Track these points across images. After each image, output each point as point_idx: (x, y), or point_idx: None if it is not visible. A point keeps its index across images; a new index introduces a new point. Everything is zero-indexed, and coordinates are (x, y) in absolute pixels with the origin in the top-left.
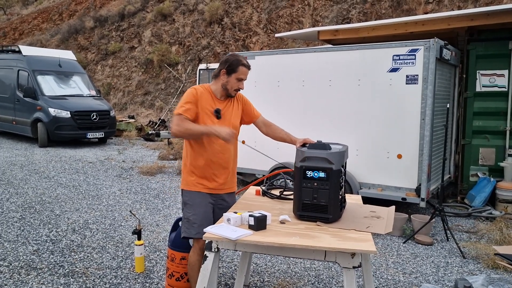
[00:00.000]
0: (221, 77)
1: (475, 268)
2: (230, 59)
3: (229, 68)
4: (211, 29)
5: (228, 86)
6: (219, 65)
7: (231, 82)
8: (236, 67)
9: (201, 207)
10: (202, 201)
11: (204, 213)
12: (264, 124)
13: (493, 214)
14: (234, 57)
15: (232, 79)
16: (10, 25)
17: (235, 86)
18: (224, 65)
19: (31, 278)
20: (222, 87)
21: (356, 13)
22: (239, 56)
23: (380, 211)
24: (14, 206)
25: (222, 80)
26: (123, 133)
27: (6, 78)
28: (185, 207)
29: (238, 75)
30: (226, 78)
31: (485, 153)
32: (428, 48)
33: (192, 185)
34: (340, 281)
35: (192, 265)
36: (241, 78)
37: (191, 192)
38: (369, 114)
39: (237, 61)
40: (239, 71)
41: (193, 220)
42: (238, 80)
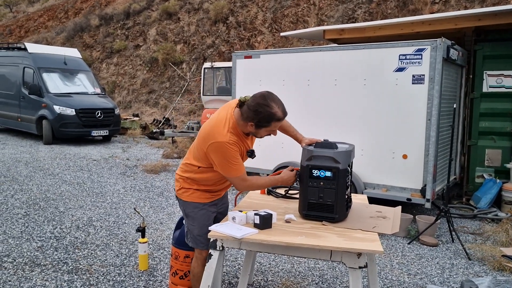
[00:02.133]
0: (248, 126)
1: (481, 270)
2: (261, 112)
3: (259, 124)
4: (216, 28)
5: (258, 135)
6: (247, 110)
7: (260, 133)
8: (268, 123)
9: (205, 219)
10: (206, 212)
11: (208, 225)
12: None
13: (499, 216)
14: (266, 110)
15: (262, 131)
16: (16, 22)
17: (264, 134)
18: (252, 117)
19: (35, 274)
20: (250, 133)
21: (362, 13)
22: (272, 106)
23: (387, 211)
24: (18, 202)
25: (249, 129)
26: (128, 131)
27: (12, 75)
28: (188, 219)
29: (270, 129)
30: (254, 130)
31: (491, 154)
32: (435, 48)
33: (196, 197)
34: (344, 281)
35: (196, 276)
36: (273, 130)
37: (194, 203)
38: (374, 114)
39: (269, 117)
40: (271, 126)
41: (197, 233)
42: (268, 131)
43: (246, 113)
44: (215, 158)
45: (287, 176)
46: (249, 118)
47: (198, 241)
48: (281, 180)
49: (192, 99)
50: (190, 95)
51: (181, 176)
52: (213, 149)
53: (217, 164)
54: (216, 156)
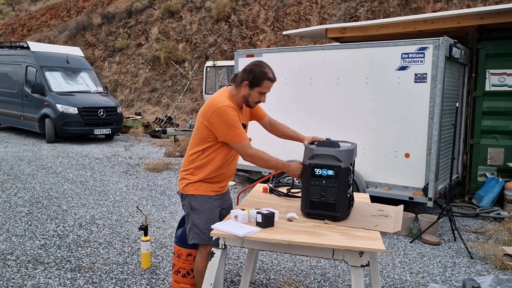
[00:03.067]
0: (242, 87)
1: (483, 269)
2: (255, 70)
3: (253, 82)
4: (218, 26)
5: (250, 99)
6: (242, 73)
7: (253, 96)
8: (261, 81)
9: (211, 212)
10: (212, 206)
11: (213, 219)
12: (269, 123)
13: (501, 215)
14: (260, 69)
15: (254, 93)
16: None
17: (256, 99)
18: (247, 76)
19: (38, 272)
20: (243, 98)
21: (364, 11)
22: (265, 67)
23: (389, 210)
24: (21, 201)
25: (243, 92)
26: (130, 129)
27: (15, 74)
28: (194, 213)
29: (261, 89)
30: (248, 91)
31: (493, 153)
32: (438, 47)
33: (202, 190)
34: (346, 279)
35: (200, 272)
36: (265, 92)
37: (201, 196)
38: (377, 112)
39: (262, 74)
40: (263, 85)
41: (204, 227)
42: (260, 94)
43: (241, 77)
44: (219, 125)
45: (295, 166)
46: (244, 78)
47: (204, 235)
48: (287, 167)
49: (194, 97)
50: (192, 94)
51: (186, 170)
52: (216, 115)
53: (221, 131)
54: (220, 122)
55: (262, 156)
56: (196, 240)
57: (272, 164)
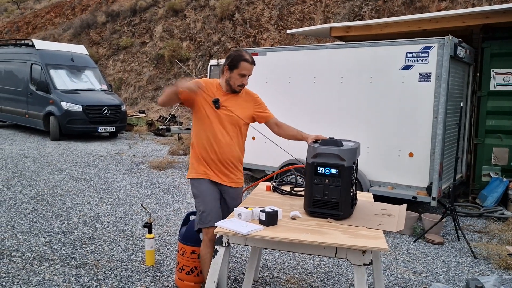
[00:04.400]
0: (224, 73)
1: (487, 269)
2: (232, 54)
3: (231, 64)
4: (222, 25)
5: (231, 82)
6: (224, 61)
7: (234, 78)
8: (238, 62)
9: (208, 194)
10: (207, 186)
11: (212, 200)
12: (276, 124)
13: (505, 215)
14: (237, 53)
15: (234, 75)
16: (23, 19)
17: (238, 82)
18: (226, 61)
19: (43, 269)
20: (226, 82)
21: (369, 10)
22: (242, 51)
23: (392, 209)
24: (26, 198)
25: (225, 76)
26: (134, 127)
27: (19, 72)
28: (195, 199)
29: (240, 71)
30: (229, 74)
31: (498, 153)
32: (442, 46)
33: (194, 173)
34: (349, 278)
35: (203, 259)
36: (244, 73)
37: (194, 180)
38: (381, 111)
39: (238, 57)
40: (240, 67)
41: (203, 209)
42: (240, 76)
43: (223, 65)
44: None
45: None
46: (224, 64)
47: (204, 218)
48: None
49: None
50: None
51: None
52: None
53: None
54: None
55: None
56: (199, 225)
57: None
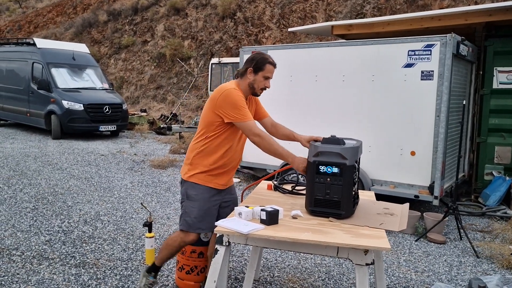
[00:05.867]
0: (247, 75)
1: (489, 268)
2: (256, 57)
3: (256, 67)
4: (223, 23)
5: (255, 85)
6: (245, 63)
7: (258, 81)
8: (263, 65)
9: (204, 204)
10: (207, 198)
11: (206, 211)
12: (272, 124)
13: (508, 214)
14: (260, 55)
15: (259, 78)
16: (25, 18)
17: (261, 85)
18: (250, 64)
19: (43, 268)
20: (249, 86)
21: (371, 8)
22: (265, 54)
23: (394, 208)
24: (27, 196)
25: (248, 79)
26: (135, 126)
27: (21, 71)
28: (188, 201)
29: (265, 73)
30: (253, 77)
31: (500, 152)
32: (445, 44)
33: (201, 180)
34: (351, 278)
35: (169, 246)
36: (268, 76)
37: (199, 186)
38: (382, 110)
39: (263, 59)
40: (266, 69)
41: (195, 215)
42: (265, 79)
43: (244, 67)
44: (226, 105)
45: (300, 159)
46: (247, 66)
47: (193, 224)
48: (291, 158)
49: (199, 94)
50: (197, 91)
51: (190, 158)
52: (223, 96)
53: (228, 111)
54: (227, 102)
55: (268, 138)
56: (184, 227)
57: (277, 150)
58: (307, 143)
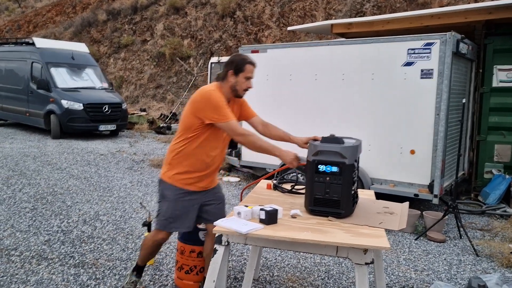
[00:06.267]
0: (229, 78)
1: (489, 267)
2: (235, 59)
3: (236, 69)
4: (223, 22)
5: (238, 86)
6: (225, 66)
7: (240, 82)
8: (243, 66)
9: (178, 205)
10: (182, 199)
11: (181, 212)
12: (261, 123)
13: (507, 212)
14: (239, 57)
15: (240, 79)
16: (24, 17)
17: (244, 86)
18: (230, 66)
19: (41, 268)
20: (231, 88)
21: (370, 7)
22: (243, 55)
23: (394, 207)
24: (26, 196)
25: (230, 81)
26: (135, 126)
27: (20, 70)
28: (164, 200)
29: (245, 74)
30: (235, 79)
31: (500, 150)
32: (444, 42)
33: (178, 181)
34: (350, 277)
35: (145, 246)
36: (249, 76)
37: (175, 188)
38: (382, 108)
39: (242, 60)
40: (246, 70)
41: (169, 215)
42: (246, 79)
43: (224, 70)
44: (207, 106)
45: (288, 155)
46: (228, 69)
47: (167, 224)
48: (279, 152)
49: None
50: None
51: (168, 158)
52: (204, 98)
53: (208, 112)
54: (208, 103)
55: (252, 135)
56: (159, 227)
57: (262, 146)
58: (305, 144)
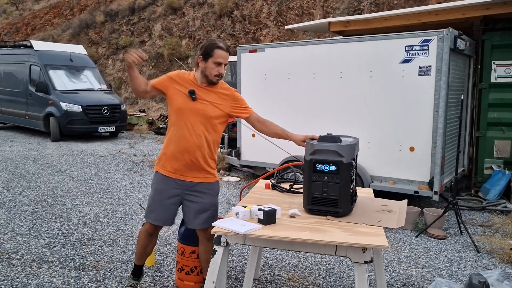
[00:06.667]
0: (199, 64)
1: (490, 263)
2: (205, 44)
3: (205, 53)
4: (221, 22)
5: (207, 72)
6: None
7: (209, 68)
8: (211, 51)
9: (159, 193)
10: (161, 186)
11: (160, 200)
12: (258, 121)
13: (508, 208)
14: (209, 41)
15: (209, 65)
16: (22, 20)
17: (214, 71)
18: (200, 52)
19: (42, 271)
20: (202, 74)
21: (368, 4)
22: (214, 40)
23: (392, 205)
24: (26, 199)
25: (200, 67)
26: (134, 127)
27: (19, 73)
28: (151, 188)
29: (214, 59)
30: (204, 64)
31: (500, 146)
32: (442, 38)
33: (159, 167)
34: (351, 275)
35: (139, 241)
36: (219, 62)
37: (157, 174)
38: (381, 106)
39: (211, 45)
40: (215, 55)
41: (149, 204)
42: (216, 65)
43: (196, 57)
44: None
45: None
46: (198, 55)
47: (147, 212)
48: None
49: None
50: None
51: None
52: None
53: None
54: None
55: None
56: (144, 216)
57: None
58: (302, 142)
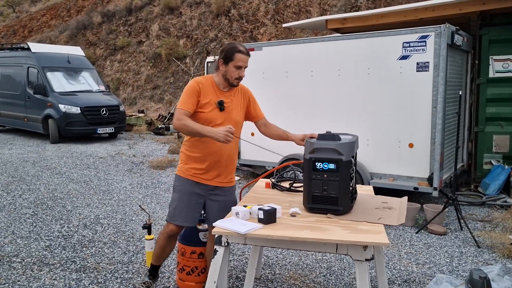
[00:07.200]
0: (220, 67)
1: (490, 258)
2: (225, 48)
3: (225, 57)
4: (218, 21)
5: (228, 75)
6: (218, 56)
7: (230, 71)
8: (232, 55)
9: (184, 195)
10: (186, 189)
11: (188, 202)
12: (264, 124)
13: (508, 202)
14: (230, 45)
15: (230, 68)
16: (19, 22)
17: (234, 74)
18: (220, 56)
19: (43, 274)
20: (223, 77)
21: (365, 1)
22: (235, 43)
23: (392, 202)
24: (26, 202)
25: (221, 70)
26: (133, 127)
27: (16, 76)
28: (173, 192)
29: (235, 63)
30: (225, 68)
31: (499, 140)
32: (439, 34)
33: (183, 172)
34: (352, 272)
35: (158, 243)
36: (240, 65)
37: (181, 178)
38: (379, 103)
39: (232, 49)
40: (236, 59)
41: (174, 206)
42: (237, 68)
43: (217, 61)
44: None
45: (217, 130)
46: (219, 59)
47: (172, 215)
48: (209, 134)
49: None
50: None
51: (181, 151)
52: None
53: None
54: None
55: (186, 123)
56: (167, 218)
57: (194, 128)
58: (301, 141)
